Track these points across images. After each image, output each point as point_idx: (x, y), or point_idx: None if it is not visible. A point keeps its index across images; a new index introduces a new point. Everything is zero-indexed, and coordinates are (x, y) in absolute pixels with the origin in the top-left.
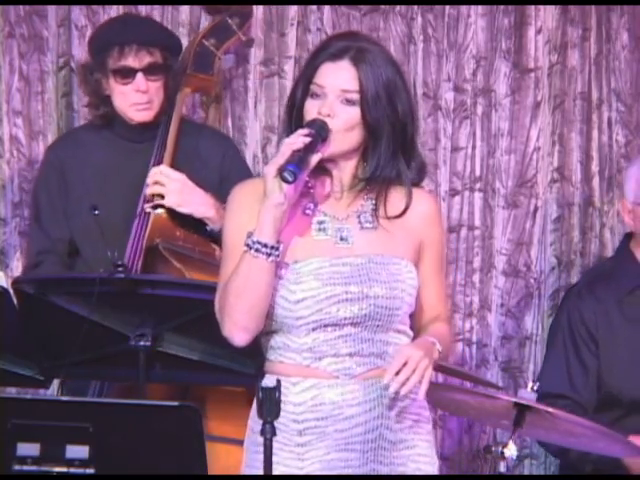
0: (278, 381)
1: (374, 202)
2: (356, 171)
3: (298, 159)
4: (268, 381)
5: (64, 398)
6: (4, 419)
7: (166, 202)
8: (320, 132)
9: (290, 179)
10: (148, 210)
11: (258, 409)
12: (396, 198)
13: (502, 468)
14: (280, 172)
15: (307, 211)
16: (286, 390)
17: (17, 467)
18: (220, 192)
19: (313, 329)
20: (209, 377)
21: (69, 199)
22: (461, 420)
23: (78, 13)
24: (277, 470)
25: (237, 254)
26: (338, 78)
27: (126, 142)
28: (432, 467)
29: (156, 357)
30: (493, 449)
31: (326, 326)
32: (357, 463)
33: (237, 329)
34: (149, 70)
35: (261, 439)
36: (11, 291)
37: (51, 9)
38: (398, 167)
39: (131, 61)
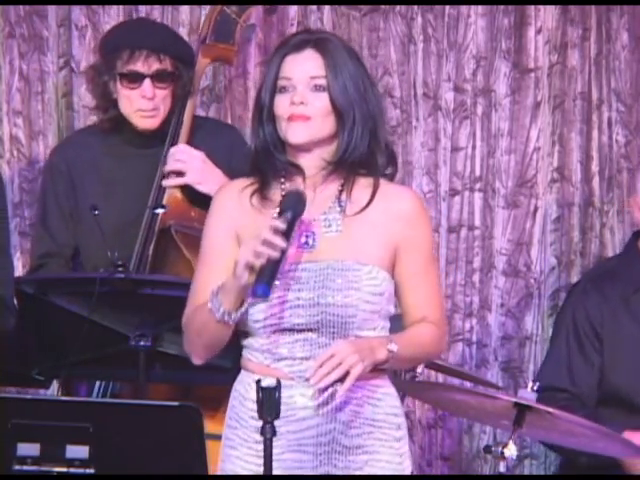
0: (278, 381)
1: (341, 203)
2: (330, 158)
3: (270, 274)
4: (268, 381)
5: (64, 398)
6: (4, 419)
7: (186, 179)
8: (297, 208)
9: (261, 301)
10: (165, 184)
11: (258, 409)
12: (363, 192)
13: (502, 468)
14: (252, 291)
15: (275, 215)
16: (249, 387)
17: (17, 467)
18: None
19: (272, 332)
20: (209, 377)
21: (77, 202)
22: (461, 420)
23: (78, 13)
24: (238, 465)
25: (212, 260)
26: (304, 66)
27: (134, 148)
28: (396, 473)
29: (156, 357)
30: (493, 449)
31: (284, 330)
32: (310, 465)
33: (194, 356)
34: (157, 77)
35: (227, 432)
36: None
37: (51, 9)
38: (367, 154)
39: (140, 66)
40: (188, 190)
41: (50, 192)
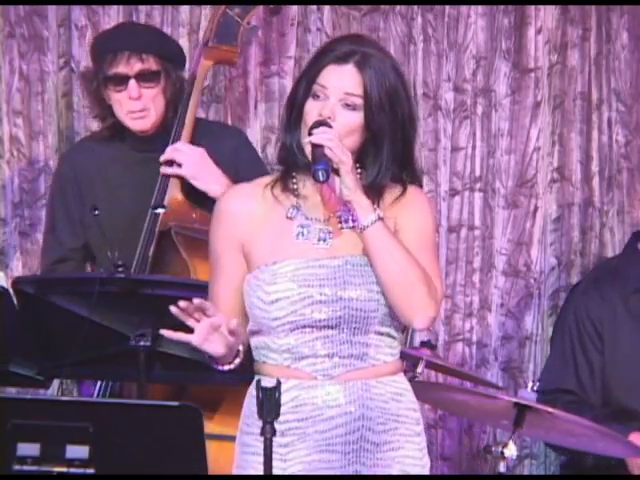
0: (278, 381)
1: None
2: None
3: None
4: (268, 381)
5: (64, 398)
6: (4, 419)
7: (182, 171)
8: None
9: (322, 178)
10: (162, 171)
11: (258, 409)
12: (386, 198)
13: (502, 468)
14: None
15: (289, 214)
16: None
17: (17, 467)
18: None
19: (291, 330)
20: (209, 377)
21: (85, 209)
22: (461, 420)
23: (78, 13)
24: (260, 470)
25: (223, 265)
26: (342, 81)
27: (138, 153)
28: (420, 469)
29: (156, 357)
30: (493, 449)
31: (304, 327)
32: (339, 464)
33: None
34: (142, 77)
35: (247, 439)
36: (11, 291)
37: (51, 9)
38: (393, 172)
39: (122, 68)
40: (189, 191)
41: (59, 199)
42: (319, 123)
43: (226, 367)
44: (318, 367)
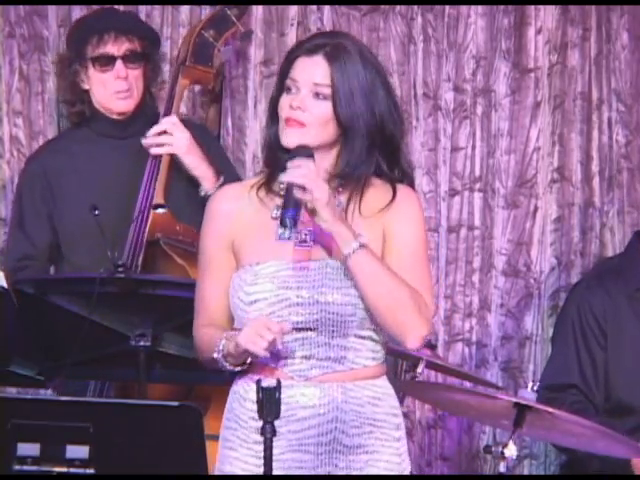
0: (278, 381)
1: (343, 202)
2: (332, 168)
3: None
4: (268, 381)
5: (64, 398)
6: (4, 419)
7: (174, 149)
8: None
9: (289, 226)
10: (153, 152)
11: (258, 409)
12: (373, 197)
13: (502, 468)
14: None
15: (273, 215)
16: (248, 387)
17: (17, 467)
18: None
19: None
20: (209, 377)
21: (56, 205)
22: (461, 420)
23: (78, 13)
24: (237, 466)
25: (214, 265)
26: (311, 72)
27: (109, 139)
28: (396, 473)
29: (156, 357)
30: (493, 449)
31: None
32: (312, 465)
33: (202, 362)
34: (128, 57)
35: (226, 433)
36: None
37: (51, 9)
38: (378, 166)
39: (110, 48)
40: (172, 205)
41: (27, 196)
42: (294, 154)
43: (238, 368)
44: (295, 368)
